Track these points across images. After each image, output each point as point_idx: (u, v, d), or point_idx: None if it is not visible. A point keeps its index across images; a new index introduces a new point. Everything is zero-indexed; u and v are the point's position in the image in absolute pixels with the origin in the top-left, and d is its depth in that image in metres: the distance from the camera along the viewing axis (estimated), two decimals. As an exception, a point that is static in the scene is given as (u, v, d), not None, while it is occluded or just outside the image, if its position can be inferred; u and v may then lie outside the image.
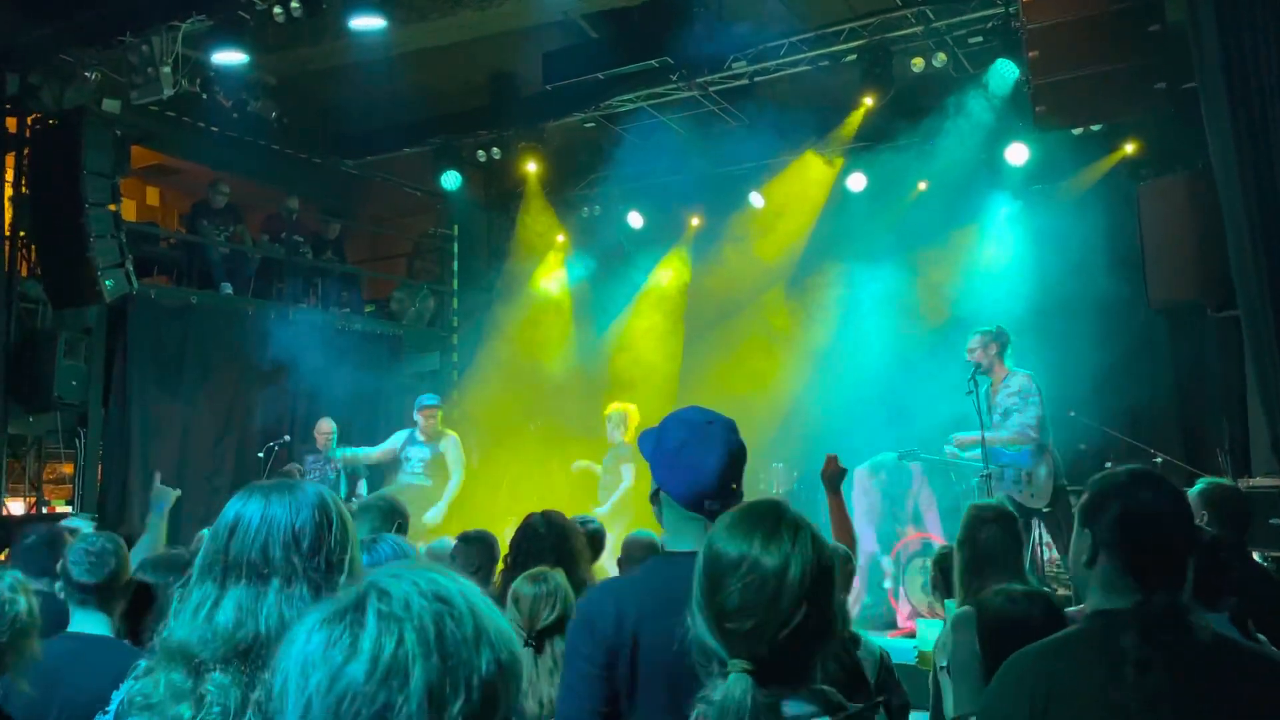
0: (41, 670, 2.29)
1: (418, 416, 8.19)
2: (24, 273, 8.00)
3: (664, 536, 2.20)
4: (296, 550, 1.59)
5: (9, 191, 7.93)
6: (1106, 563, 1.95)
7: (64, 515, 7.51)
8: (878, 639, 3.60)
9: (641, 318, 10.61)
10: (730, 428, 2.17)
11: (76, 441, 8.11)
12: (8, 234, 7.77)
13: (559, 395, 10.36)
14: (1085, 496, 2.04)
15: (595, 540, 4.22)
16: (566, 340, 10.90)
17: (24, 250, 8.00)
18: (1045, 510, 6.23)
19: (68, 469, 8.75)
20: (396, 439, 8.32)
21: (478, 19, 8.05)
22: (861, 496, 7.57)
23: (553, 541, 3.38)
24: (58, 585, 2.92)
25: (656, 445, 2.16)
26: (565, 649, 2.13)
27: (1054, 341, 7.37)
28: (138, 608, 2.83)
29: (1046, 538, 6.42)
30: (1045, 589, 3.71)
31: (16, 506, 8.12)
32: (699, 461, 2.10)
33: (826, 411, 8.30)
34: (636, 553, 4.35)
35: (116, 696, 1.77)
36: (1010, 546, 3.57)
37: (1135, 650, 1.81)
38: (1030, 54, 5.66)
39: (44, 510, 8.12)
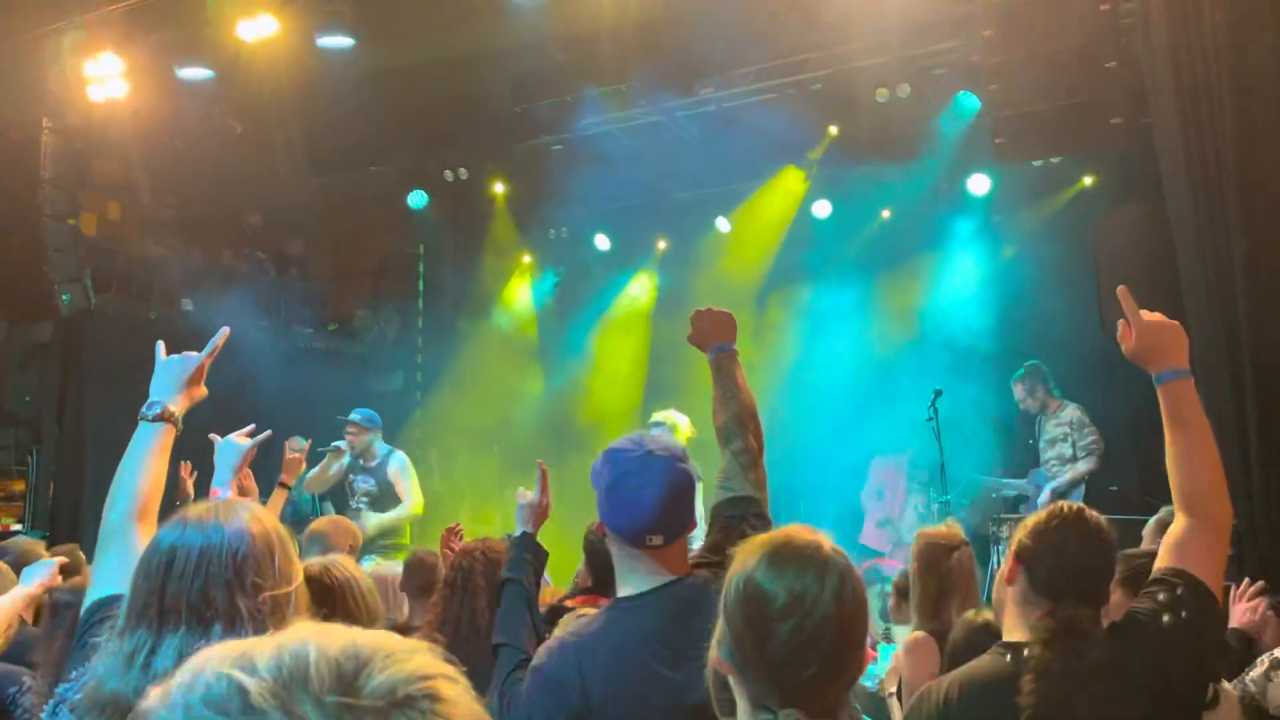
0: None
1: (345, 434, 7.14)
2: (-22, 286, 7.88)
3: (617, 577, 2.11)
4: (240, 590, 1.48)
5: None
6: (1024, 582, 2.05)
7: (14, 533, 7.36)
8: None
9: (608, 339, 10.61)
10: (673, 457, 2.06)
11: (29, 459, 7.96)
12: (-37, 246, 7.65)
13: (523, 417, 10.33)
14: (1022, 541, 2.12)
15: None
16: (532, 361, 10.88)
17: (-21, 263, 7.88)
18: None
19: (18, 486, 8.57)
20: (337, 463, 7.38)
21: (447, 40, 8.07)
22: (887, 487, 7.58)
23: (484, 566, 3.37)
24: None
25: (598, 480, 2.08)
26: (526, 709, 2.06)
27: (1013, 369, 7.47)
28: None
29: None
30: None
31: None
32: (637, 496, 2.01)
33: (791, 433, 8.35)
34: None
35: None
36: (972, 574, 3.61)
37: (1035, 659, 1.88)
38: (990, 87, 5.76)
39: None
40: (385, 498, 7.10)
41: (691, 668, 1.86)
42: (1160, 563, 2.06)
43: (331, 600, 2.09)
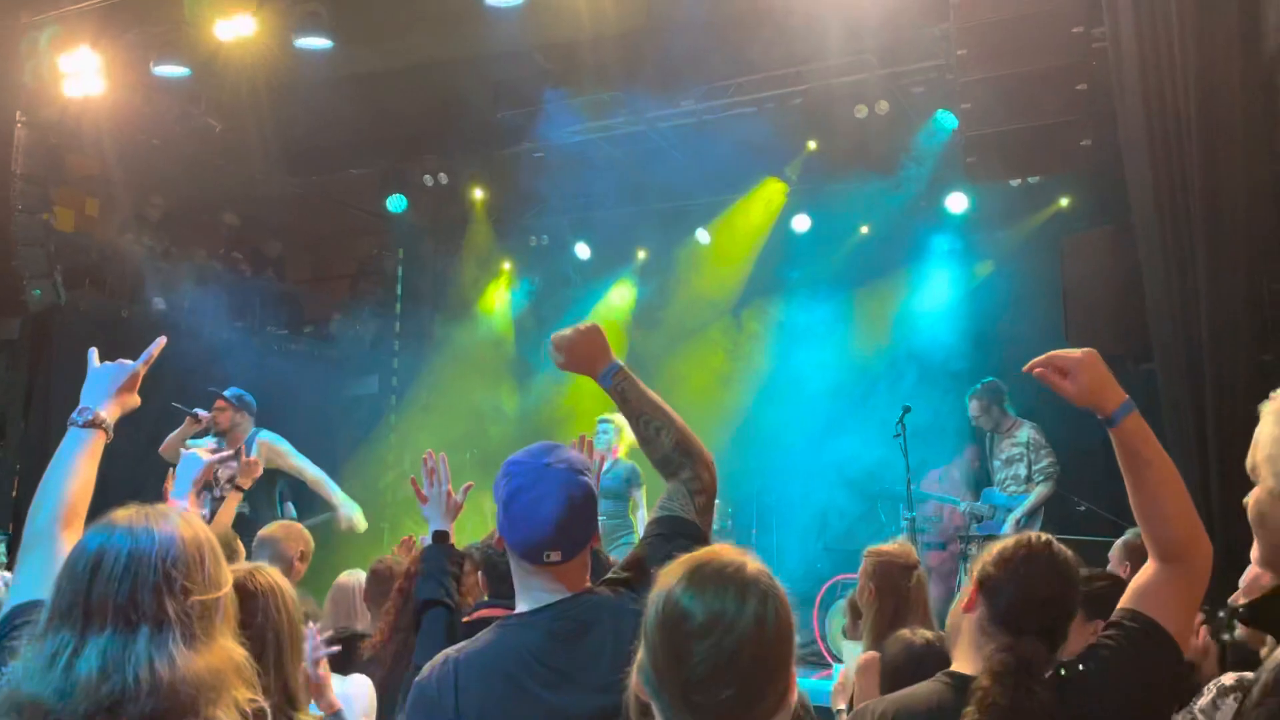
0: None
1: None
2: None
3: (516, 590, 2.03)
4: (169, 593, 1.45)
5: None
6: (983, 611, 2.00)
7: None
8: (807, 681, 3.58)
9: (584, 347, 10.60)
10: (572, 469, 1.98)
11: (-7, 455, 7.90)
12: (-68, 239, 7.59)
13: (498, 424, 10.30)
14: (985, 568, 2.08)
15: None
16: (509, 368, 10.86)
17: (-52, 257, 7.82)
18: None
19: (-17, 482, 8.49)
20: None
21: (429, 44, 8.06)
22: None
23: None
24: None
25: (495, 491, 2.01)
26: None
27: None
28: None
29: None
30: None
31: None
32: (534, 509, 1.93)
33: (763, 444, 8.37)
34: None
35: None
36: (927, 595, 3.59)
37: (983, 692, 1.84)
38: (963, 105, 5.79)
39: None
40: (270, 475, 6.52)
41: (573, 690, 1.81)
42: (1125, 603, 1.98)
43: (254, 606, 2.06)
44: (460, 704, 1.86)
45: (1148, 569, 1.98)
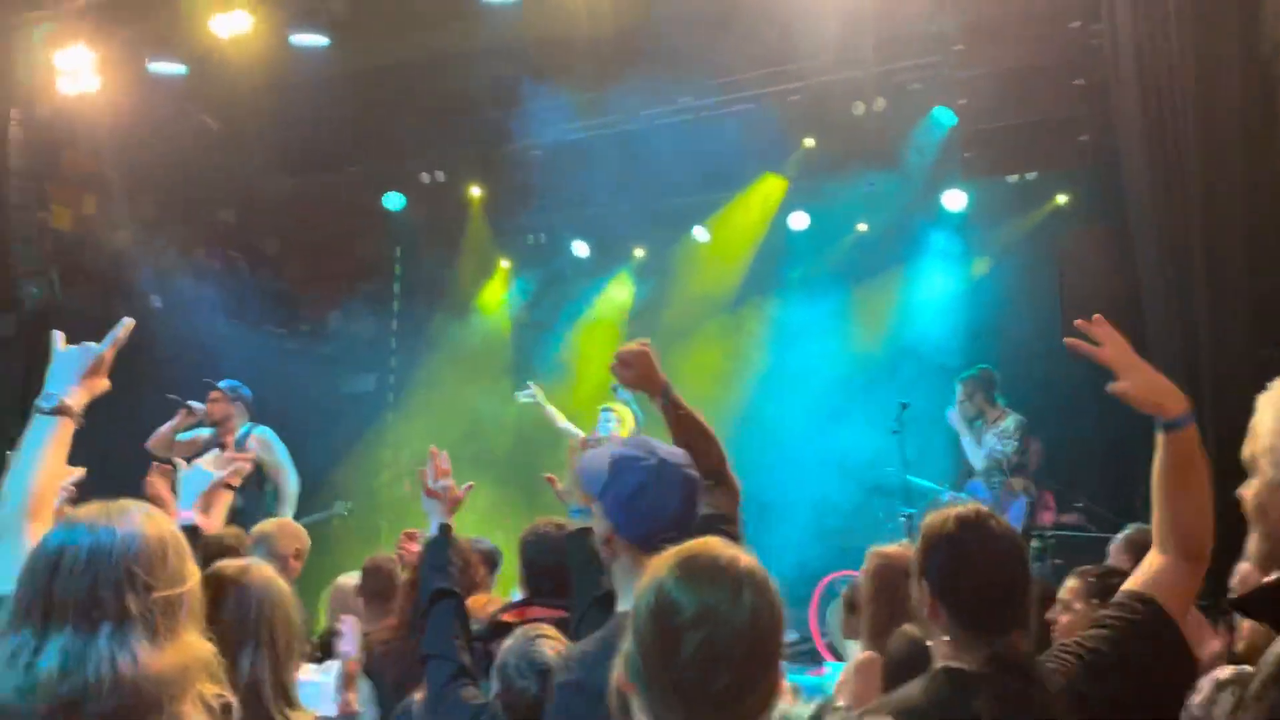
0: None
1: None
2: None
3: (617, 589, 2.05)
4: (131, 589, 1.44)
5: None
6: (947, 614, 1.92)
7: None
8: (801, 677, 3.57)
9: (583, 345, 10.59)
10: (685, 463, 2.07)
11: (-11, 453, 7.87)
12: (-73, 237, 7.57)
13: (495, 421, 10.29)
14: (916, 545, 2.02)
15: (489, 560, 4.17)
16: (506, 366, 10.84)
17: (-57, 254, 7.80)
18: None
19: (-21, 480, 8.47)
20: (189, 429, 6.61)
21: (426, 41, 8.04)
22: None
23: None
24: None
25: (608, 487, 2.03)
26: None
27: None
28: None
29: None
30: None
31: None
32: (661, 504, 1.99)
33: (761, 441, 8.35)
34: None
35: None
36: None
37: (989, 712, 1.79)
38: (960, 101, 5.79)
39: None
40: (261, 474, 6.49)
41: None
42: (1133, 586, 1.99)
43: (248, 602, 2.05)
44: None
45: (1157, 562, 2.00)
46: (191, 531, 2.60)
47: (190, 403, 6.25)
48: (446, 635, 2.55)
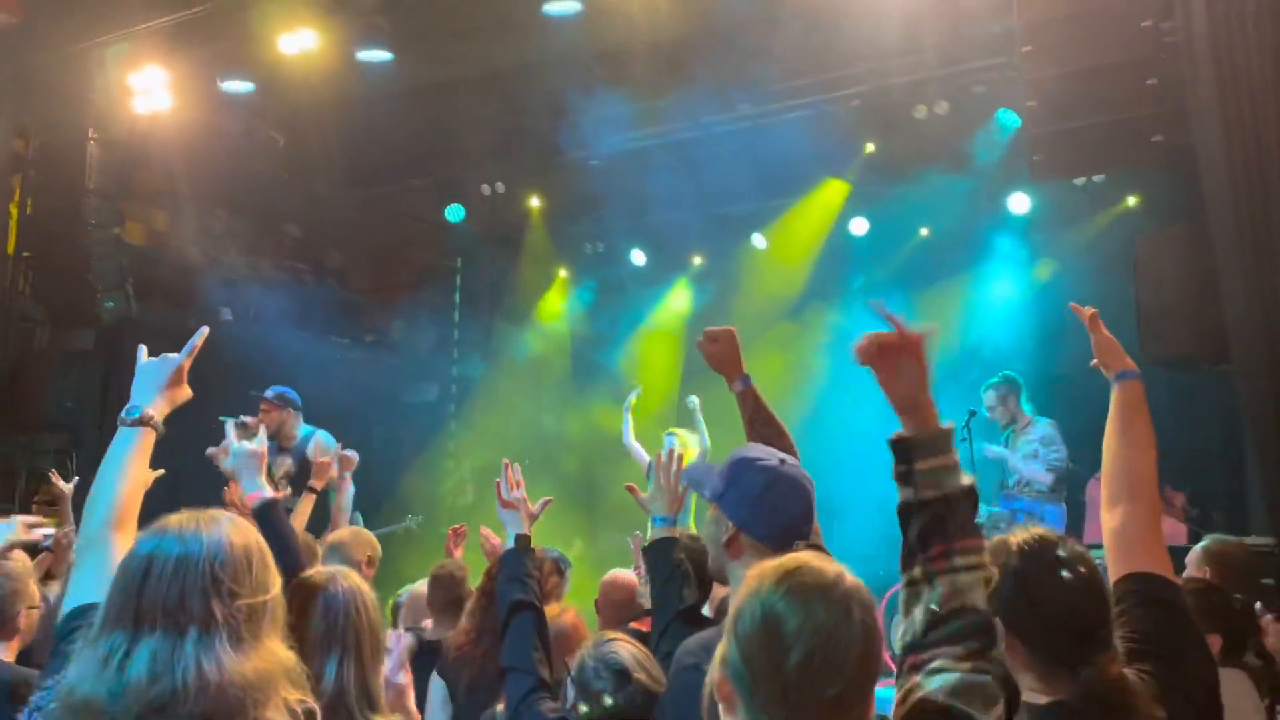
0: None
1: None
2: (26, 292, 8.05)
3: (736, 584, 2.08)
4: (216, 595, 1.48)
5: (15, 212, 8.00)
6: (1023, 649, 1.83)
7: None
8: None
9: (642, 353, 10.61)
10: (798, 467, 2.15)
11: (68, 463, 8.09)
12: (10, 253, 7.82)
13: (556, 430, 10.34)
14: (1001, 605, 1.96)
15: (558, 569, 4.19)
16: (565, 374, 10.90)
17: (26, 271, 8.05)
18: None
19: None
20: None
21: (485, 55, 8.13)
22: None
23: None
24: None
25: (731, 486, 2.08)
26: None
27: (1051, 391, 7.34)
28: None
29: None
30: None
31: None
32: (789, 501, 2.06)
33: (823, 453, 8.26)
34: (617, 595, 4.30)
35: None
36: None
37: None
38: (1028, 104, 5.69)
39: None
40: (305, 477, 6.24)
41: None
42: (1119, 571, 2.04)
43: (336, 609, 2.09)
44: None
45: (1120, 518, 2.11)
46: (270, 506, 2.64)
47: (243, 418, 6.28)
48: (525, 648, 2.56)
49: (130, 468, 2.03)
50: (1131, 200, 7.94)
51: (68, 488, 5.02)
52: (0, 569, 3.21)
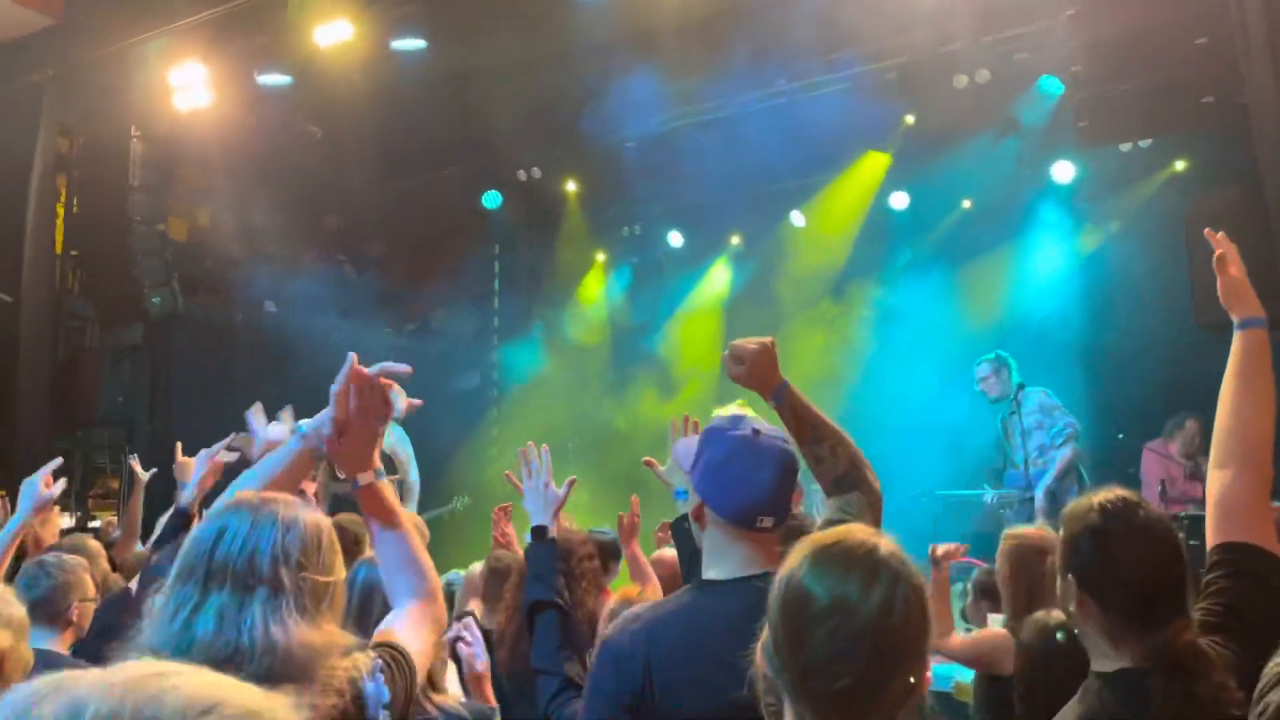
0: None
1: None
2: (75, 290, 8.19)
3: (705, 559, 2.03)
4: (285, 564, 1.53)
5: (61, 211, 8.13)
6: (1098, 611, 1.79)
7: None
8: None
9: (682, 334, 10.58)
10: (781, 437, 2.02)
11: (122, 457, 8.24)
12: (59, 252, 7.95)
13: (598, 414, 10.35)
14: (1062, 535, 1.89)
15: (610, 552, 4.18)
16: (607, 357, 10.90)
17: (75, 269, 8.19)
18: None
19: (114, 483, 8.89)
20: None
21: (518, 40, 8.10)
22: None
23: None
24: None
25: (698, 457, 2.01)
26: (587, 684, 2.02)
27: (1100, 361, 7.22)
28: None
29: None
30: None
31: (65, 521, 8.25)
32: (750, 474, 1.94)
33: (869, 431, 8.18)
34: (664, 573, 4.30)
35: None
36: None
37: (1161, 716, 1.68)
38: (1072, 69, 5.56)
39: (89, 525, 8.25)
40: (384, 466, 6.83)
41: None
42: (1217, 539, 1.92)
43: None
44: (652, 660, 1.87)
45: (1222, 482, 1.97)
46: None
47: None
48: (550, 649, 2.50)
49: (274, 474, 1.97)
50: (1180, 164, 7.75)
51: (145, 476, 5.13)
52: (57, 561, 3.24)
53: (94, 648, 3.02)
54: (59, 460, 3.35)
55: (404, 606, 1.89)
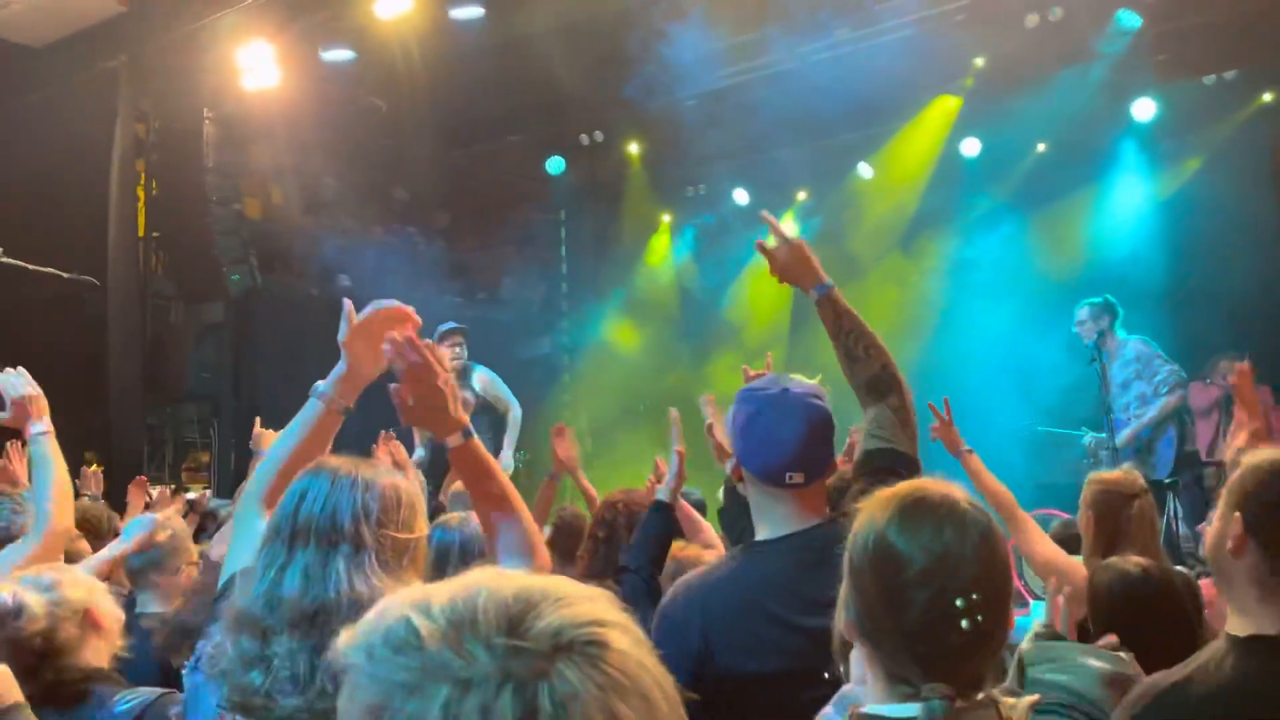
0: None
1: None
2: (158, 271, 8.44)
3: (754, 520, 2.06)
4: (365, 521, 1.58)
5: (142, 195, 8.36)
6: (1260, 554, 1.67)
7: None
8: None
9: (749, 292, 10.51)
10: (810, 394, 2.00)
11: (210, 431, 8.52)
12: (141, 235, 8.19)
13: (669, 376, 10.36)
14: (1238, 474, 1.75)
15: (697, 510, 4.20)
16: (674, 319, 10.89)
17: (157, 251, 8.44)
18: (1168, 481, 5.98)
19: (205, 457, 9.20)
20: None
21: (574, 4, 8.07)
22: None
23: (627, 519, 3.37)
24: None
25: (734, 418, 2.05)
26: None
27: (1183, 308, 7.00)
28: None
29: (1180, 511, 6.10)
30: (1180, 567, 3.49)
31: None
32: (775, 432, 1.96)
33: (947, 378, 8.06)
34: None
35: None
36: (1153, 525, 3.35)
37: None
38: (1148, 1, 5.33)
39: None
40: (481, 409, 6.95)
41: (824, 617, 1.81)
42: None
43: (470, 553, 2.16)
44: (707, 628, 1.90)
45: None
46: None
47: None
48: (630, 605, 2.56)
49: (300, 440, 1.98)
50: (1268, 96, 7.42)
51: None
52: (170, 524, 3.43)
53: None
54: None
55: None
